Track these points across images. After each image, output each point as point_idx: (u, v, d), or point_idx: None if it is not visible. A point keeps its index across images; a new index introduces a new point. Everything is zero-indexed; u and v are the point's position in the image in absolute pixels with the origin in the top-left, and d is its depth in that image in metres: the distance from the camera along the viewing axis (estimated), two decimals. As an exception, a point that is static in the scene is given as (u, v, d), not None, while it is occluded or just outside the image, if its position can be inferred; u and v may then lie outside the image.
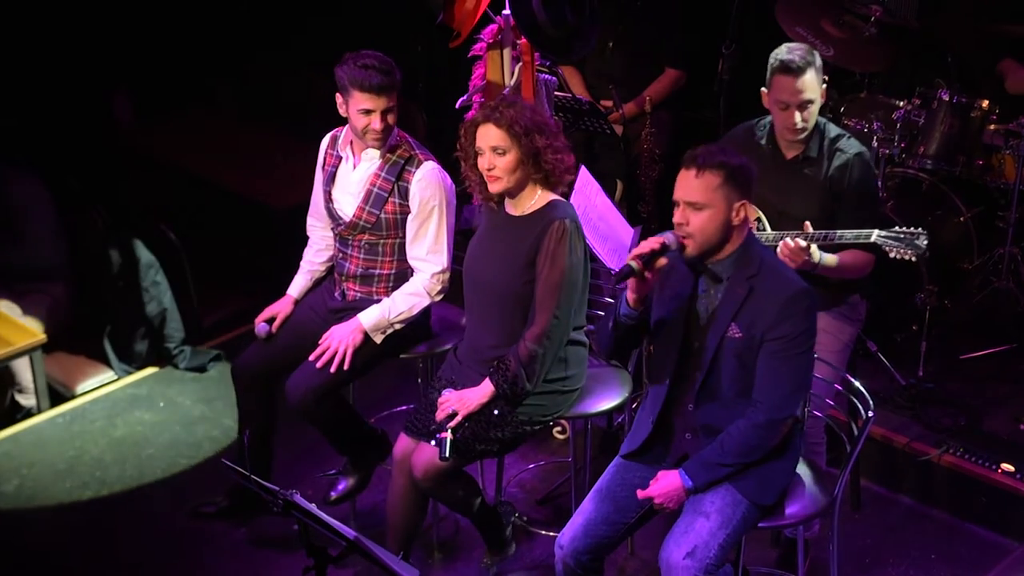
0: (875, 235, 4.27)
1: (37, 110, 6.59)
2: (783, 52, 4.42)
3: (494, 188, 4.17)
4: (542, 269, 4.12)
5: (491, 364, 4.22)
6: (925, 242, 4.21)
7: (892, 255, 4.27)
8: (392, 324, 4.54)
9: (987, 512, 4.92)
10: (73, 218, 6.21)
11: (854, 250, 4.38)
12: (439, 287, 4.55)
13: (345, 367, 4.48)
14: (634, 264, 3.72)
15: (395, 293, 4.56)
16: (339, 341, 4.49)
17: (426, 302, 4.55)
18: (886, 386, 5.33)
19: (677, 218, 3.75)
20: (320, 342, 4.51)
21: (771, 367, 3.76)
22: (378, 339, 4.54)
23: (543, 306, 4.13)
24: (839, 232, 4.31)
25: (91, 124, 6.96)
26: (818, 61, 4.42)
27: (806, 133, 4.46)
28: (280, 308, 4.75)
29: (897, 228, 4.27)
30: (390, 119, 4.45)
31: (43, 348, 5.62)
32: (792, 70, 4.36)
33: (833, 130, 4.53)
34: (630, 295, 3.80)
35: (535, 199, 4.19)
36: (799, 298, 3.75)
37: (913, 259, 4.24)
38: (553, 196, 4.19)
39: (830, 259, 4.33)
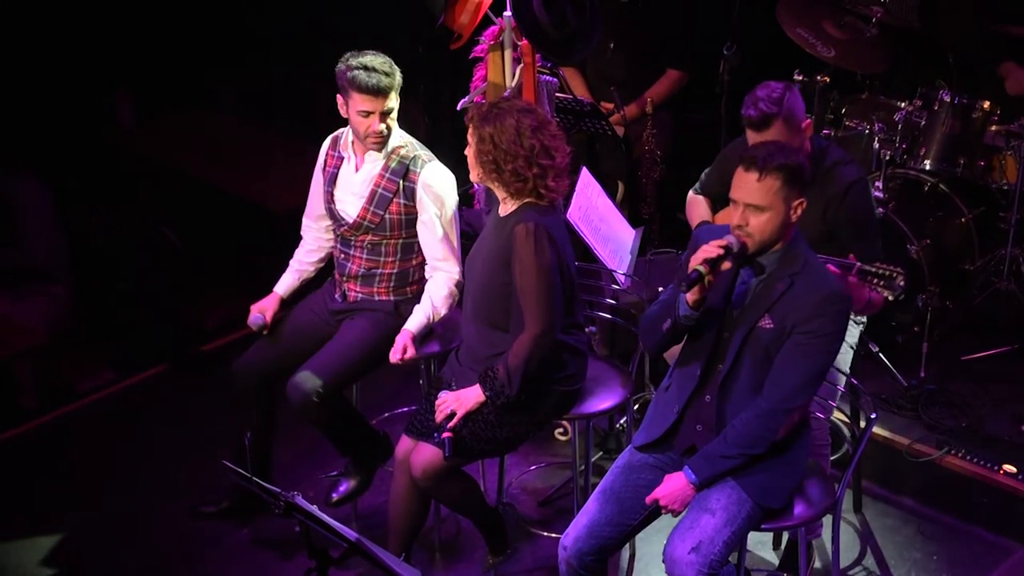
0: (857, 267, 4.16)
1: (38, 111, 6.59)
2: (746, 105, 4.29)
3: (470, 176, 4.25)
4: (516, 276, 4.13)
5: (483, 362, 4.23)
6: (901, 283, 4.09)
7: (869, 289, 4.20)
8: (433, 324, 4.57)
9: (989, 513, 4.91)
10: (74, 219, 6.21)
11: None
12: (459, 287, 4.57)
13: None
14: (702, 269, 3.73)
15: (432, 298, 4.53)
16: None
17: (457, 298, 4.56)
18: (888, 387, 5.32)
19: (737, 219, 3.76)
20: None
21: (791, 357, 3.77)
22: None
23: (527, 313, 4.14)
24: (827, 257, 4.18)
25: (92, 125, 6.97)
26: (786, 105, 4.24)
27: None
28: (267, 305, 4.73)
29: (878, 264, 4.15)
30: (389, 121, 4.45)
31: (44, 349, 5.63)
32: (754, 125, 4.28)
33: (833, 155, 4.43)
34: (691, 297, 3.80)
35: (510, 203, 4.20)
36: (835, 298, 3.77)
37: (890, 298, 4.18)
38: (528, 199, 4.17)
39: None
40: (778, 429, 3.82)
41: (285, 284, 4.80)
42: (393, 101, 4.43)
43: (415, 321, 4.53)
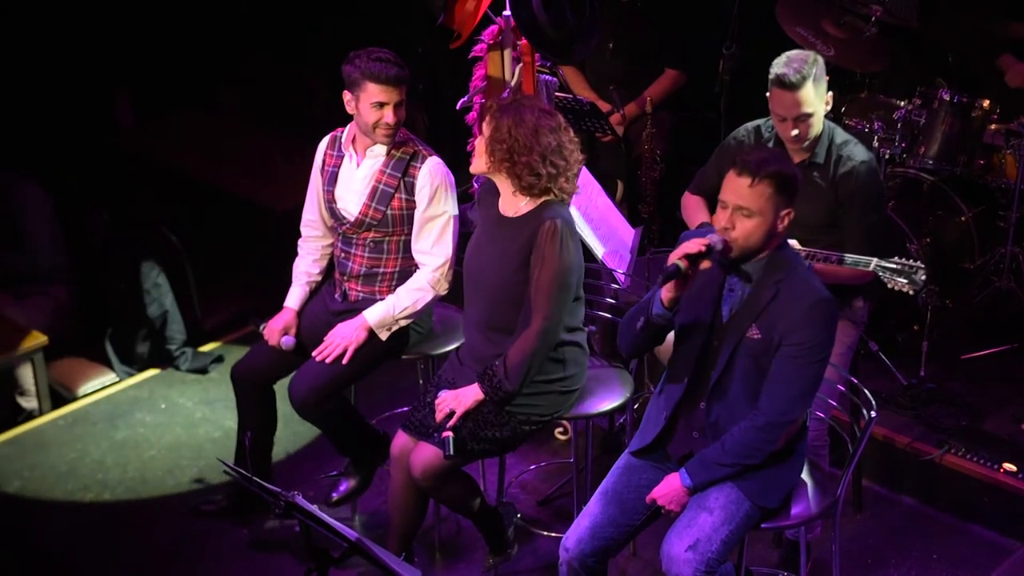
0: (873, 264, 4.23)
1: (38, 112, 6.59)
2: (780, 64, 4.34)
3: (471, 167, 4.24)
4: (534, 270, 4.12)
5: (485, 362, 4.23)
6: (923, 277, 4.16)
7: (889, 286, 4.24)
8: (397, 320, 4.55)
9: (989, 512, 4.91)
10: (74, 220, 6.21)
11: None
12: (444, 282, 4.55)
13: (344, 362, 4.48)
14: (681, 264, 3.70)
15: (399, 289, 4.56)
16: (343, 338, 4.50)
17: (430, 296, 4.54)
18: (888, 386, 5.32)
19: (724, 221, 3.73)
20: (325, 339, 4.52)
21: (782, 371, 3.75)
22: (383, 335, 4.54)
23: (536, 309, 4.13)
24: (840, 256, 4.29)
25: (92, 126, 6.96)
26: (819, 71, 4.35)
27: (807, 142, 4.44)
28: (289, 323, 4.70)
29: (897, 259, 4.22)
30: (401, 113, 4.46)
31: (44, 350, 5.63)
32: (787, 85, 4.30)
33: (840, 135, 4.50)
34: (666, 295, 3.77)
35: (525, 201, 4.19)
36: (822, 306, 3.74)
37: (911, 292, 4.21)
38: (546, 198, 4.18)
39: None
40: (776, 441, 3.82)
41: (296, 297, 4.76)
42: (404, 94, 4.45)
43: (375, 313, 4.51)
